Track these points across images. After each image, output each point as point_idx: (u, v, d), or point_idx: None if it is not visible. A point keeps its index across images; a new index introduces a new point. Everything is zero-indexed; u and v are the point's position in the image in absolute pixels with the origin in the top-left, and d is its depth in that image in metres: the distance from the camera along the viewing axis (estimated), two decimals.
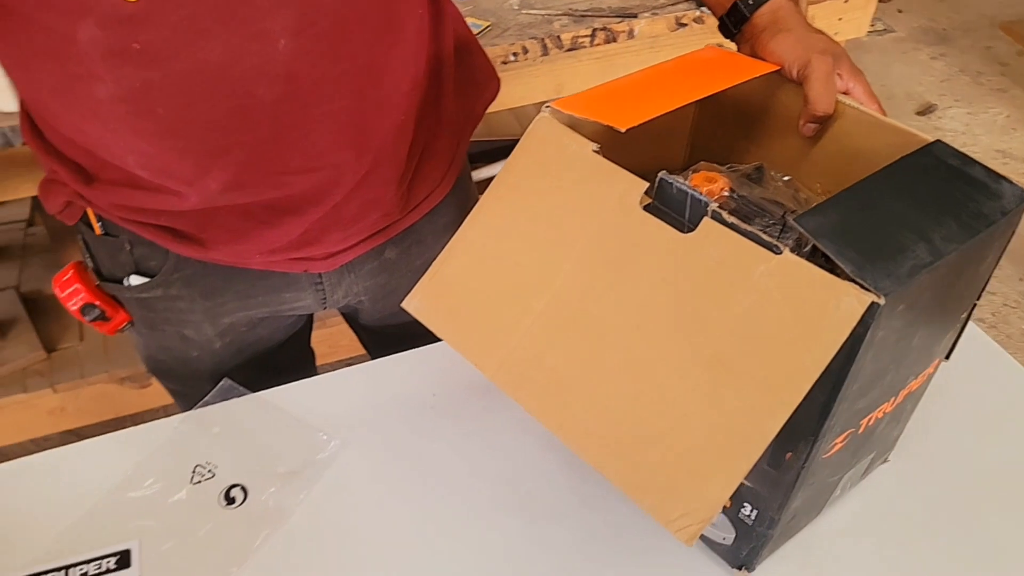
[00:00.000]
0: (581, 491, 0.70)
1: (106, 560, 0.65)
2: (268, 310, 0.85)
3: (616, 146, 0.57)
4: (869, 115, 0.62)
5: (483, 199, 0.61)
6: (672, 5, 1.45)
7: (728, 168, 0.69)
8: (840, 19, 1.60)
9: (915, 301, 0.49)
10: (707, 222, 0.51)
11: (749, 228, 0.50)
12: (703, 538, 0.65)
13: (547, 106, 0.60)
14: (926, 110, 2.58)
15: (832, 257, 0.47)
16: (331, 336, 1.57)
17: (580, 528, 0.67)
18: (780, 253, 0.48)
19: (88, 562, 0.65)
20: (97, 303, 0.81)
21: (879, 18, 3.17)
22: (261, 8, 0.60)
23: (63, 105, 0.66)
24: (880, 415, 0.59)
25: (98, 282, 0.82)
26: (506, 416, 0.75)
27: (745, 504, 0.60)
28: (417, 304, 0.61)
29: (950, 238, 0.49)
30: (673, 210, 0.55)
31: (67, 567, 0.65)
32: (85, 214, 0.78)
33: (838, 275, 0.47)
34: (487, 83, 0.88)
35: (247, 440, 0.74)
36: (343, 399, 0.77)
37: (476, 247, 0.60)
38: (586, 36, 1.39)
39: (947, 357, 0.63)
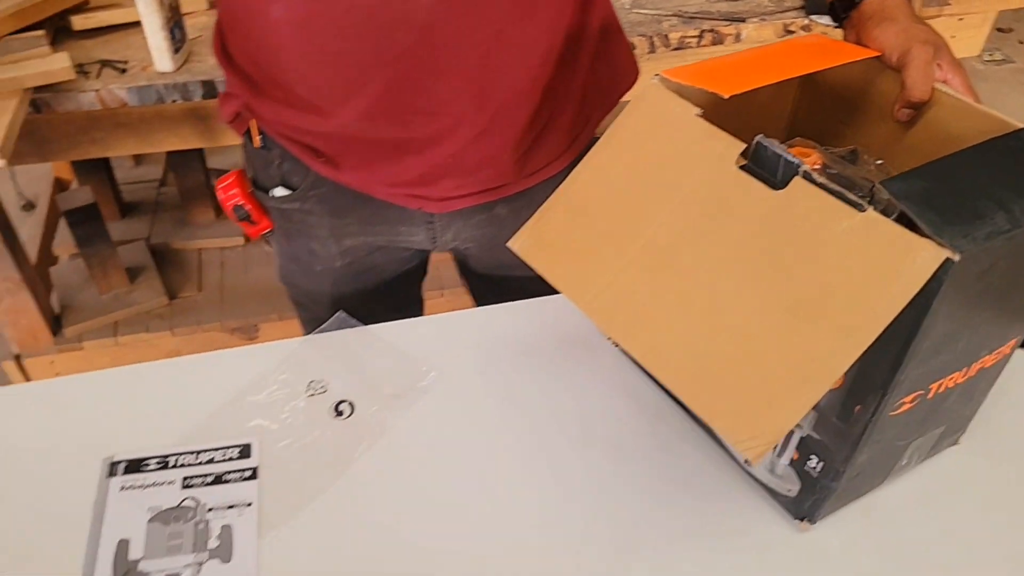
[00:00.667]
0: (659, 436, 0.75)
1: (231, 450, 0.74)
2: (385, 239, 0.94)
3: (718, 120, 0.62)
4: (963, 102, 0.65)
5: (591, 153, 0.67)
6: (781, 12, 1.48)
7: (824, 149, 0.73)
8: (953, 36, 1.60)
9: (990, 267, 0.52)
10: (797, 180, 0.56)
11: (837, 187, 0.54)
12: (768, 490, 0.69)
13: (657, 75, 0.66)
14: None
15: (913, 217, 0.51)
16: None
17: (654, 471, 0.72)
18: (864, 211, 0.53)
19: (215, 450, 0.74)
20: (248, 206, 0.93)
21: (998, 48, 3.09)
22: None
23: (247, 23, 0.78)
24: (951, 384, 0.62)
25: (251, 189, 0.94)
26: (597, 367, 0.80)
27: (812, 456, 0.64)
28: (521, 244, 0.67)
29: None
30: (767, 171, 0.59)
31: (198, 451, 0.74)
32: (249, 128, 0.89)
33: (921, 235, 0.51)
34: (626, 72, 0.94)
35: (357, 364, 0.82)
36: (446, 338, 0.85)
37: (581, 195, 0.66)
38: (694, 37, 1.44)
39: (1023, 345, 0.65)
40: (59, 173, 2.17)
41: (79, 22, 1.38)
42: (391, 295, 1.03)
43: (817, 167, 0.67)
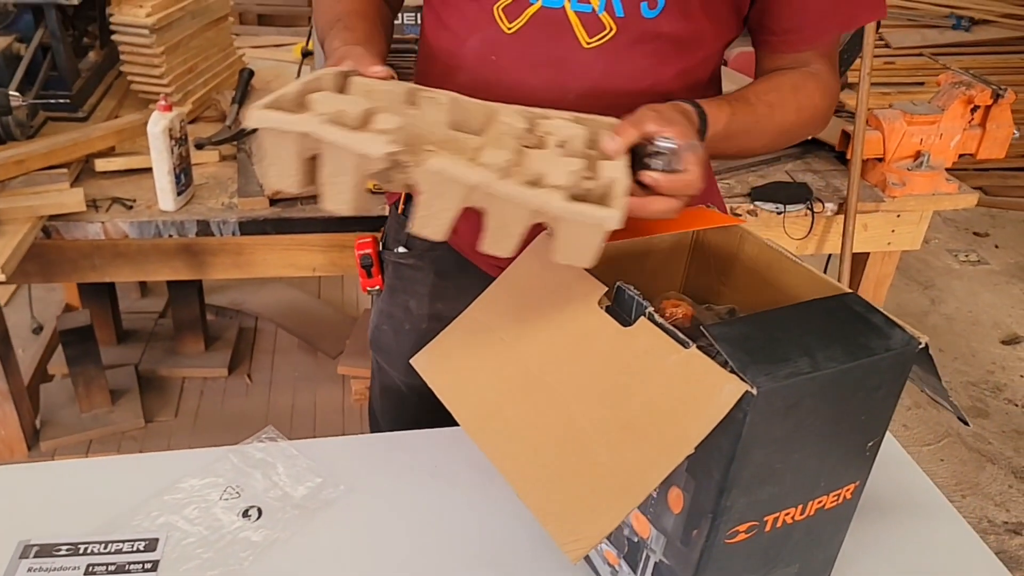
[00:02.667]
0: (543, 561, 0.79)
1: (138, 543, 0.79)
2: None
3: (620, 273, 0.70)
4: (813, 273, 0.74)
5: (491, 287, 0.77)
6: (729, 198, 1.62)
7: (705, 307, 0.82)
8: (893, 231, 1.72)
9: (795, 404, 0.60)
10: (642, 320, 0.65)
11: (670, 327, 0.63)
12: None
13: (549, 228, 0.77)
14: (1011, 340, 2.60)
15: (725, 356, 0.59)
16: None
17: None
18: (689, 348, 0.61)
19: (123, 541, 0.79)
20: (373, 257, 1.09)
21: (974, 250, 3.25)
22: (572, 69, 0.88)
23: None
24: (789, 520, 0.67)
25: (380, 249, 1.12)
26: (499, 495, 0.86)
27: None
28: (421, 362, 0.76)
29: (832, 358, 0.61)
30: (624, 311, 0.68)
31: (107, 542, 0.79)
32: (398, 199, 1.07)
33: (729, 371, 0.59)
34: None
35: (274, 474, 0.88)
36: (364, 458, 0.91)
37: (476, 322, 0.75)
38: None
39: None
40: (69, 300, 2.31)
41: (101, 164, 1.54)
42: None
43: (680, 315, 0.76)
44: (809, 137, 1.55)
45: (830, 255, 1.86)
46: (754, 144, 0.93)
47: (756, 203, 1.60)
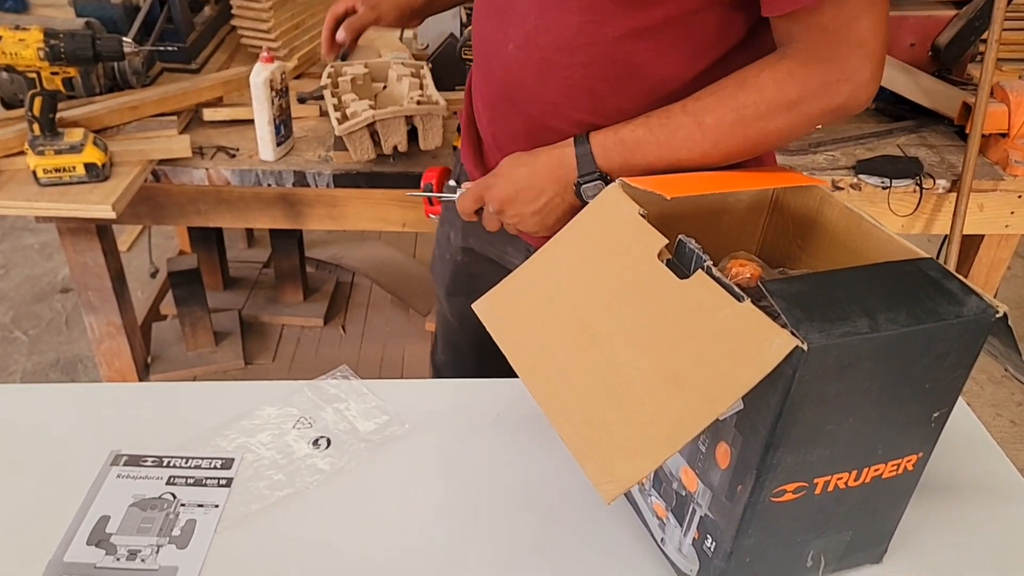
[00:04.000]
0: (591, 511, 0.80)
1: (215, 460, 0.85)
2: (495, 252, 1.10)
3: (696, 232, 0.69)
4: (896, 240, 0.71)
5: (554, 238, 0.77)
6: (833, 170, 1.56)
7: (779, 271, 0.80)
8: (1012, 212, 1.61)
9: (851, 365, 0.58)
10: (699, 273, 0.64)
11: (726, 281, 0.62)
12: (676, 569, 0.73)
13: (620, 179, 0.76)
14: None
15: (780, 311, 0.58)
16: None
17: (580, 540, 0.77)
18: (743, 302, 0.60)
19: (203, 459, 0.85)
20: (434, 186, 1.09)
21: None
22: (511, 17, 0.89)
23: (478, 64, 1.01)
24: (842, 484, 0.65)
25: (444, 182, 1.12)
26: (553, 444, 0.87)
27: (708, 536, 0.68)
28: (484, 308, 0.77)
29: (894, 320, 0.58)
30: (684, 264, 0.68)
31: (188, 457, 0.85)
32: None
33: (782, 326, 0.57)
34: None
35: (345, 408, 0.92)
36: (431, 400, 0.94)
37: (537, 272, 0.76)
38: None
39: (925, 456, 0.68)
40: (183, 247, 2.45)
41: (208, 114, 1.62)
42: None
43: (747, 275, 0.74)
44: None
45: (945, 237, 1.76)
46: (681, 156, 0.82)
47: (860, 176, 1.53)
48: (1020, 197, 1.59)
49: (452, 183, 1.04)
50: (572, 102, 0.88)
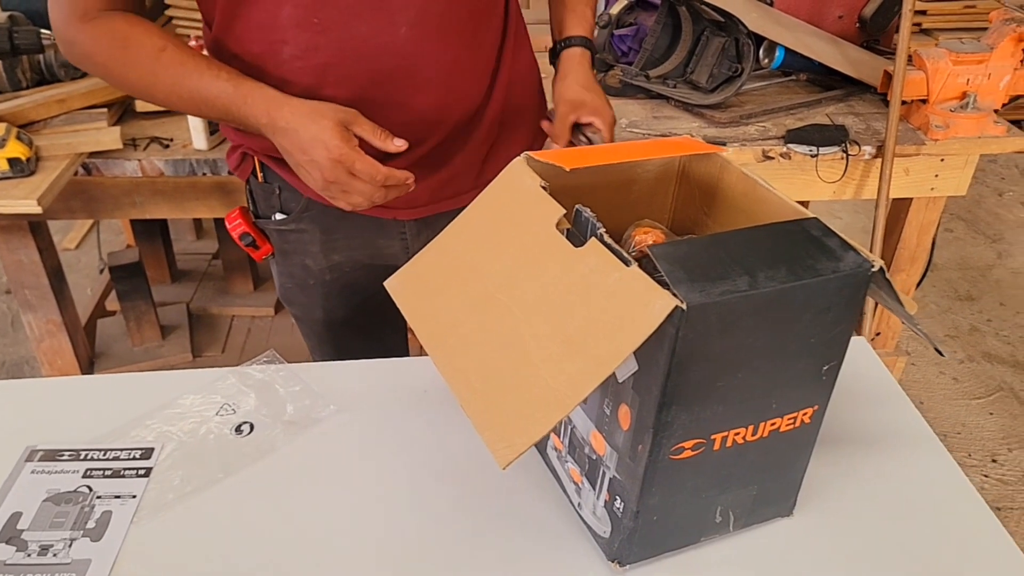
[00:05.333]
0: (514, 480, 0.81)
1: (135, 451, 0.85)
2: (366, 254, 1.11)
3: (604, 205, 0.72)
4: (787, 203, 0.73)
5: (462, 213, 0.78)
6: (763, 140, 1.58)
7: (687, 238, 0.82)
8: (936, 175, 1.65)
9: (733, 322, 0.60)
10: (592, 241, 0.65)
11: (617, 248, 0.63)
12: (592, 533, 0.75)
13: (525, 153, 0.77)
14: None
15: (663, 273, 0.60)
16: None
17: (501, 509, 0.79)
18: (630, 266, 0.62)
19: (121, 450, 0.85)
20: (252, 233, 1.11)
21: None
22: (395, 4, 0.91)
23: (260, 65, 0.94)
24: (740, 440, 0.67)
25: (253, 220, 1.12)
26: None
27: (617, 497, 0.70)
28: (395, 284, 0.78)
29: (773, 278, 0.60)
30: (580, 233, 0.69)
31: (106, 449, 0.84)
32: (254, 169, 1.07)
33: (666, 288, 0.59)
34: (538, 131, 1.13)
35: (269, 394, 0.92)
36: (357, 381, 0.94)
37: (445, 247, 0.77)
38: None
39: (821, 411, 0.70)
40: (130, 242, 2.42)
41: (141, 105, 1.61)
42: (377, 311, 1.18)
43: (651, 243, 0.76)
44: None
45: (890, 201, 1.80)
46: None
47: (789, 145, 1.56)
48: (942, 160, 1.64)
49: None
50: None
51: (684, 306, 0.57)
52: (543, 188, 0.73)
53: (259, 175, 1.08)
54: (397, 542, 0.76)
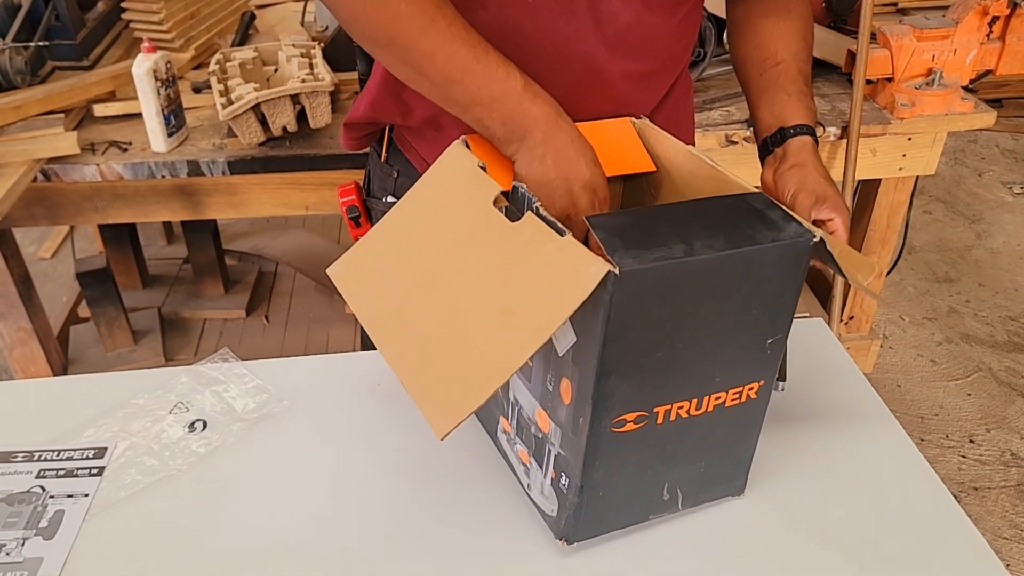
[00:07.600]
0: (465, 468, 0.81)
1: (88, 451, 0.83)
2: None
3: None
4: (732, 179, 0.72)
5: (404, 197, 0.77)
6: (726, 124, 1.58)
7: (628, 209, 0.82)
8: (904, 155, 1.65)
9: (671, 289, 0.59)
10: (528, 214, 0.65)
11: (552, 219, 0.63)
12: (541, 512, 0.74)
13: (462, 137, 0.77)
14: None
15: (599, 240, 0.59)
16: None
17: (453, 495, 0.78)
18: (565, 236, 0.61)
19: (74, 450, 0.83)
20: (359, 208, 1.07)
21: None
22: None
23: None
24: (683, 414, 0.67)
25: (364, 197, 1.08)
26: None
27: (562, 473, 0.69)
28: (337, 271, 0.77)
29: (711, 246, 0.60)
30: (518, 209, 0.68)
31: (59, 450, 0.83)
32: (378, 147, 1.03)
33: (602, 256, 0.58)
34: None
35: (223, 391, 0.91)
36: (312, 376, 0.93)
37: (387, 231, 0.76)
38: None
39: (779, 388, 0.70)
40: (101, 248, 2.40)
41: (100, 109, 1.59)
42: None
43: None
44: None
45: (860, 183, 1.79)
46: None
47: (752, 129, 1.55)
48: (910, 139, 1.64)
49: None
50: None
51: (617, 271, 0.56)
52: (481, 168, 0.72)
53: (383, 155, 1.04)
54: (352, 535, 0.75)
